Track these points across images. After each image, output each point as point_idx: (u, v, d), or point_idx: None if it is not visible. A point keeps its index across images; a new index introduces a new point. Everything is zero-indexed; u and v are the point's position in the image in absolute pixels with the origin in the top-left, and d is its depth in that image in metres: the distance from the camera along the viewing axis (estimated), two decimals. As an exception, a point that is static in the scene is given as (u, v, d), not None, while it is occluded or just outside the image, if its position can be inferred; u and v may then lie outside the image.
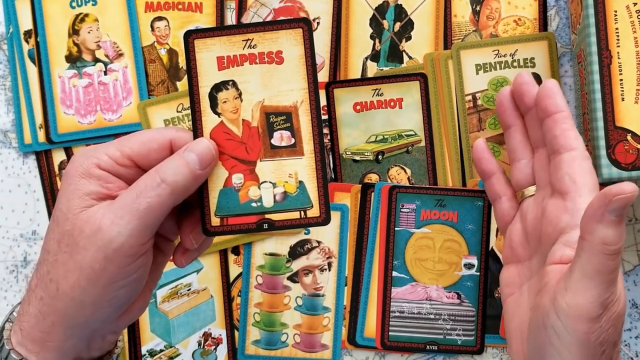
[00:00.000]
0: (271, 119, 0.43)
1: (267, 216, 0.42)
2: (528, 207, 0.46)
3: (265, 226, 0.43)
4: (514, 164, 0.48)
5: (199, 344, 0.66)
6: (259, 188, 0.42)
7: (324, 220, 0.42)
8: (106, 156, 0.41)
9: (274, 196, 0.42)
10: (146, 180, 0.40)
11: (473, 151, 0.49)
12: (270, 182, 0.42)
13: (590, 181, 0.43)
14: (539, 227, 0.44)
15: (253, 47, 0.42)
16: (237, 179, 0.43)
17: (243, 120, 0.43)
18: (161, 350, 0.66)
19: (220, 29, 0.43)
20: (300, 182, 0.42)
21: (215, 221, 0.43)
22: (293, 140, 0.43)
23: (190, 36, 0.42)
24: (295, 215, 0.42)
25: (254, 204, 0.42)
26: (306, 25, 0.42)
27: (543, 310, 0.39)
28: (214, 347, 0.66)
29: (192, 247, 0.45)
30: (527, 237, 0.46)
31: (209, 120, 0.43)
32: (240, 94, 0.43)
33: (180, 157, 0.41)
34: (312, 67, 0.42)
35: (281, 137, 0.43)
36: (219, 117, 0.43)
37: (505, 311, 0.46)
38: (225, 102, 0.43)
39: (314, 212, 0.42)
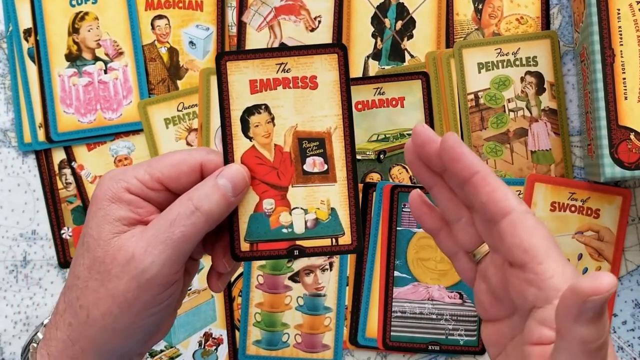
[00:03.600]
0: (304, 145, 0.42)
1: (297, 242, 0.42)
2: (487, 269, 0.40)
3: (296, 252, 0.42)
4: (453, 225, 0.41)
5: (200, 344, 0.66)
6: (290, 214, 0.42)
7: (356, 248, 0.42)
8: (135, 180, 0.40)
9: (305, 222, 0.42)
10: (179, 208, 0.39)
11: (410, 206, 0.43)
12: (301, 208, 0.42)
13: (541, 242, 0.36)
14: (506, 293, 0.39)
15: (287, 72, 0.42)
16: (268, 204, 0.42)
17: (275, 145, 0.42)
18: (162, 351, 0.66)
19: (253, 52, 0.42)
20: (332, 209, 0.42)
21: (244, 246, 0.42)
22: (326, 167, 0.42)
23: (223, 58, 0.42)
24: (326, 242, 0.42)
25: (284, 230, 0.42)
26: (342, 51, 0.42)
27: None
28: (214, 347, 0.66)
29: (226, 271, 0.44)
30: (497, 299, 0.40)
31: (240, 144, 0.42)
32: (272, 119, 0.42)
33: (213, 183, 0.40)
34: (346, 93, 0.42)
35: (314, 163, 0.42)
36: (251, 141, 0.42)
37: None
38: (257, 126, 0.42)
39: (345, 239, 0.42)
